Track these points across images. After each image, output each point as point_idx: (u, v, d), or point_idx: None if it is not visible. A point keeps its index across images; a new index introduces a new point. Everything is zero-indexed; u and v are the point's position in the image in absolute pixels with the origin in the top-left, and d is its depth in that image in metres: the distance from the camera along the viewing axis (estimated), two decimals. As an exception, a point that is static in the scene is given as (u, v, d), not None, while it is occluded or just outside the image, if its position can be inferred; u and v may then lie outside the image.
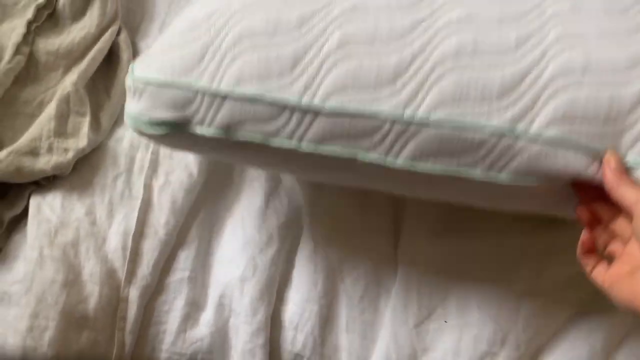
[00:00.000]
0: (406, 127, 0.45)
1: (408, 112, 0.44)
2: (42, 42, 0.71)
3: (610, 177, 0.41)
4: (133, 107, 0.50)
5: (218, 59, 0.47)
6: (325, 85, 0.45)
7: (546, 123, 0.43)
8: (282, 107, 0.46)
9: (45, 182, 0.64)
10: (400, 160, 0.46)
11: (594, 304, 0.63)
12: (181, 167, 0.68)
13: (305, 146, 0.47)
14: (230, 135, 0.48)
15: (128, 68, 0.72)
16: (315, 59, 0.46)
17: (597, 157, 0.43)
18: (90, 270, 0.60)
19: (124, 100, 0.51)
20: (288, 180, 0.70)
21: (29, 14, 0.70)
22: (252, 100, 0.46)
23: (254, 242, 0.66)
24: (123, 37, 0.74)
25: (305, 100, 0.45)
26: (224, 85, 0.46)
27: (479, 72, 0.44)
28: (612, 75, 0.44)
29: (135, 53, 0.75)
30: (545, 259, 0.64)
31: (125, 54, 0.73)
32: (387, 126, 0.45)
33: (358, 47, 0.45)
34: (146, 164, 0.68)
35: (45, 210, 0.62)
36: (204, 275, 0.66)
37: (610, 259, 0.44)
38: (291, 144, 0.47)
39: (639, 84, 0.43)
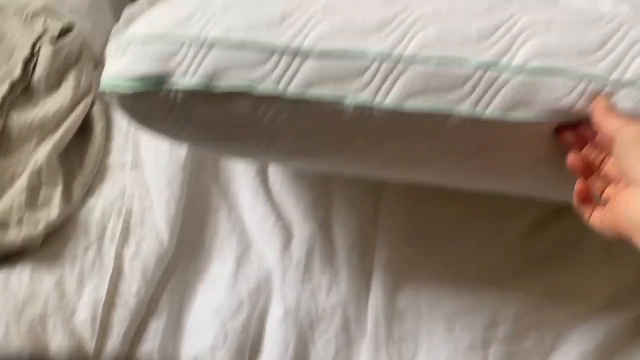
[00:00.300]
0: (394, 65, 0.46)
1: (396, 52, 0.46)
2: (16, 115, 0.72)
3: (598, 110, 0.44)
4: (113, 65, 0.49)
5: (209, 16, 0.48)
6: (314, 33, 0.47)
7: (526, 58, 0.46)
8: (270, 51, 0.46)
9: (15, 255, 0.64)
10: (389, 100, 0.46)
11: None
12: (152, 235, 0.69)
13: (293, 91, 0.46)
14: (214, 85, 0.47)
15: (101, 139, 0.75)
16: (303, 15, 0.48)
17: (580, 80, 0.45)
18: (58, 345, 0.60)
19: (97, 170, 0.52)
20: (259, 242, 0.71)
21: (4, 89, 0.72)
22: (240, 46, 0.47)
23: (224, 308, 0.66)
24: (97, 109, 0.76)
25: (295, 43, 0.46)
26: (213, 34, 0.47)
27: (457, 23, 0.47)
28: (576, 27, 0.47)
29: (109, 123, 0.77)
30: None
31: (99, 125, 0.75)
32: (375, 65, 0.46)
33: (343, 7, 0.48)
34: (118, 233, 0.69)
35: (13, 284, 0.62)
36: (174, 345, 0.65)
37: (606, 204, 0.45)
38: (278, 89, 0.46)
39: (601, 30, 0.47)
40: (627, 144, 0.40)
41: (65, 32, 0.77)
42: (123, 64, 0.48)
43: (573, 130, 0.47)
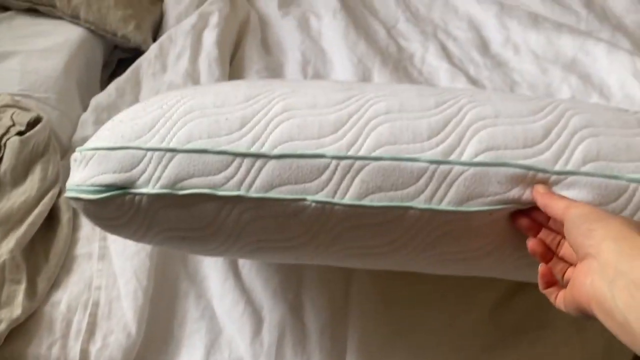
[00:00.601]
0: (351, 164, 0.48)
1: (351, 152, 0.48)
2: (-20, 209, 0.72)
3: (540, 198, 0.46)
4: (77, 175, 0.50)
5: (169, 125, 0.50)
6: (273, 137, 0.49)
7: (475, 151, 0.48)
8: (231, 156, 0.48)
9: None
10: (348, 197, 0.48)
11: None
12: (120, 326, 0.67)
13: (255, 193, 0.48)
14: (176, 191, 0.48)
15: (68, 230, 0.74)
16: (262, 120, 0.50)
17: (527, 171, 0.48)
18: None
19: (62, 262, 0.51)
20: (229, 328, 0.70)
21: (-31, 184, 0.72)
22: (202, 152, 0.48)
23: (194, 401, 0.64)
24: (64, 198, 0.76)
25: (254, 149, 0.48)
26: (174, 143, 0.49)
27: (408, 122, 0.50)
28: (519, 118, 0.51)
29: (76, 212, 0.77)
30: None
31: (65, 215, 0.74)
32: (333, 165, 0.48)
33: (300, 111, 0.50)
34: (83, 327, 0.67)
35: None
36: None
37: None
38: (239, 192, 0.48)
39: (544, 121, 0.50)
40: (576, 222, 0.42)
41: (32, 124, 0.78)
42: (87, 173, 0.50)
43: (526, 216, 0.49)
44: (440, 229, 0.49)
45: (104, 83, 1.01)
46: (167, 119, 0.50)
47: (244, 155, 0.48)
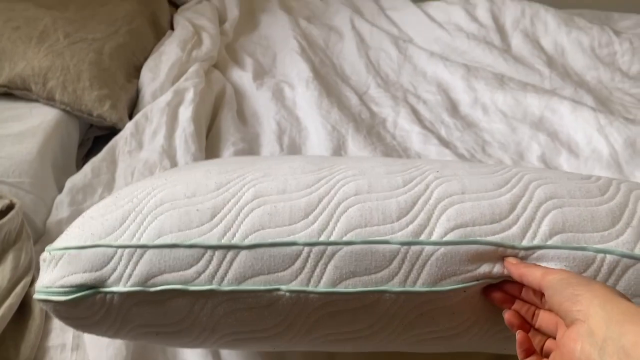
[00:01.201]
0: (324, 249, 0.47)
1: (322, 238, 0.48)
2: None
3: (514, 269, 0.47)
4: (46, 277, 0.49)
5: (139, 220, 0.49)
6: (243, 227, 0.48)
7: (444, 231, 0.48)
8: (202, 250, 0.47)
9: None
10: (322, 285, 0.47)
11: None
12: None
13: (227, 286, 0.47)
14: (148, 288, 0.47)
15: (40, 321, 0.72)
16: (232, 209, 0.50)
17: (496, 247, 0.48)
18: None
19: (34, 355, 0.50)
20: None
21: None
22: (172, 247, 0.47)
23: None
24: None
25: (224, 240, 0.48)
26: (144, 239, 0.48)
27: (377, 203, 0.50)
28: (485, 192, 0.51)
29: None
30: None
31: (37, 305, 0.72)
32: (305, 252, 0.47)
33: (271, 197, 0.51)
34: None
35: None
36: None
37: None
38: (211, 286, 0.47)
39: (509, 194, 0.51)
40: (558, 287, 0.42)
41: (4, 211, 0.77)
42: (56, 274, 0.49)
43: (499, 289, 0.49)
44: (417, 309, 0.49)
45: (80, 162, 1.01)
46: (138, 213, 0.50)
47: (215, 247, 0.48)
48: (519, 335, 0.46)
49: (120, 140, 0.98)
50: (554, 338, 0.44)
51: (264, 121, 1.15)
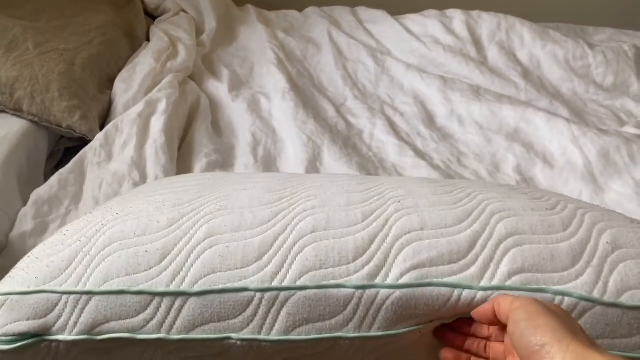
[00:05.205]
0: (276, 295, 0.45)
1: (275, 283, 0.46)
2: None
3: (482, 308, 0.45)
4: None
5: (86, 263, 0.47)
6: (193, 270, 0.46)
7: (400, 272, 0.47)
8: (150, 296, 0.45)
9: None
10: (274, 334, 0.45)
11: None
12: None
13: (175, 335, 0.45)
14: (94, 336, 0.45)
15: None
16: (183, 249, 0.48)
17: (453, 289, 0.47)
18: None
19: None
20: None
21: None
22: (119, 294, 0.45)
23: None
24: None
25: (173, 286, 0.45)
26: (90, 285, 0.46)
27: (334, 242, 0.48)
28: (444, 229, 0.50)
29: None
30: None
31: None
32: (257, 298, 0.45)
33: (224, 236, 0.48)
34: None
35: None
36: None
37: None
38: (160, 335, 0.45)
39: (469, 230, 0.50)
40: (525, 332, 0.39)
41: (-36, 224, 0.75)
42: None
43: (451, 329, 0.49)
44: (374, 353, 0.48)
45: (49, 174, 0.98)
46: (85, 254, 0.48)
47: (163, 294, 0.46)
48: None
49: (89, 152, 0.96)
50: None
51: (239, 132, 1.13)
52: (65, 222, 0.87)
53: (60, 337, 0.45)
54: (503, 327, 0.44)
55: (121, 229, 0.50)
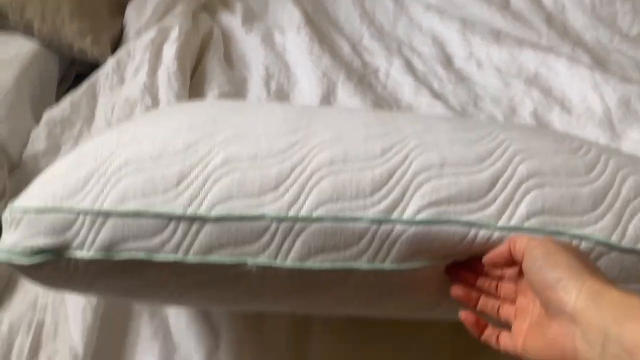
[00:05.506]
0: (292, 225, 0.45)
1: (292, 213, 0.45)
2: None
3: (496, 251, 0.44)
4: (8, 239, 0.47)
5: (102, 182, 0.47)
6: (210, 196, 0.46)
7: (418, 209, 0.46)
8: (167, 219, 0.45)
9: None
10: (289, 261, 0.46)
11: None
12: (65, 348, 0.63)
13: (192, 258, 0.45)
14: (112, 255, 0.45)
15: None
16: (200, 175, 0.47)
17: (469, 228, 0.46)
18: None
19: (5, 282, 0.48)
20: (184, 347, 0.66)
21: None
22: (136, 215, 0.45)
23: None
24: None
25: (190, 210, 0.45)
26: (107, 204, 0.45)
27: (352, 174, 0.47)
28: (465, 167, 0.49)
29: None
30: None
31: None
32: (273, 226, 0.45)
33: (241, 163, 0.48)
34: (26, 350, 0.63)
35: None
36: None
37: (507, 326, 0.43)
38: (177, 257, 0.45)
39: (490, 170, 0.49)
40: (541, 267, 0.38)
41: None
42: (17, 237, 0.46)
43: (463, 267, 0.48)
44: (385, 285, 0.48)
45: (60, 98, 0.98)
46: (101, 175, 0.47)
47: (180, 217, 0.45)
48: (462, 315, 0.45)
49: (101, 76, 0.95)
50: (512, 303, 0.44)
51: (251, 65, 1.11)
52: (78, 145, 0.87)
53: (78, 254, 0.46)
54: (518, 269, 0.44)
55: (136, 151, 0.49)
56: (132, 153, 0.49)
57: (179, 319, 0.68)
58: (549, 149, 0.52)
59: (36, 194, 0.47)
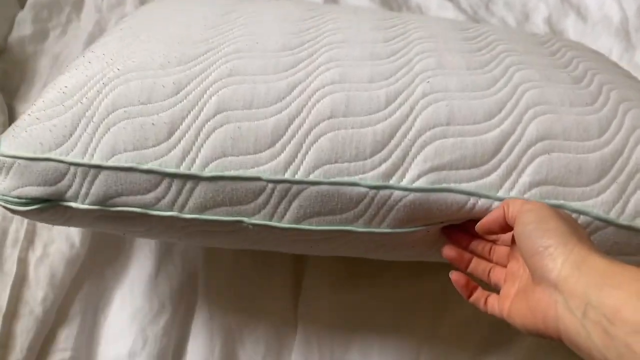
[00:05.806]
0: (289, 188, 0.44)
1: (288, 175, 0.44)
2: None
3: (490, 216, 0.43)
4: (1, 185, 0.45)
5: (90, 131, 0.44)
6: (204, 151, 0.44)
7: (417, 174, 0.45)
8: (160, 176, 0.44)
9: None
10: (285, 222, 0.45)
11: (493, 341, 0.63)
12: (62, 237, 0.63)
13: (188, 215, 0.45)
14: (107, 208, 0.44)
15: (2, 129, 0.67)
16: (192, 125, 0.44)
17: (469, 197, 0.45)
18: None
19: None
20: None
21: None
22: (127, 169, 0.43)
23: (143, 312, 0.61)
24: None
25: (183, 167, 0.43)
26: (97, 157, 0.43)
27: (352, 132, 0.45)
28: (472, 125, 0.47)
29: (12, 118, 0.71)
30: (441, 305, 0.64)
31: (1, 118, 0.68)
32: (269, 188, 0.44)
33: (235, 113, 0.45)
34: (21, 236, 0.62)
35: None
36: (88, 354, 0.60)
37: (497, 290, 0.44)
38: (172, 213, 0.45)
39: (498, 130, 0.47)
40: (531, 233, 0.37)
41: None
42: (9, 184, 0.44)
43: (459, 228, 0.48)
44: (379, 242, 0.48)
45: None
46: (89, 121, 0.44)
47: (173, 175, 0.43)
48: (452, 276, 0.45)
49: (90, -43, 0.87)
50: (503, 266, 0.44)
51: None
52: (67, 32, 0.82)
53: (73, 204, 0.44)
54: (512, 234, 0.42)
55: (124, 91, 0.45)
56: (120, 94, 0.45)
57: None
58: (564, 99, 0.50)
59: (22, 141, 0.44)
